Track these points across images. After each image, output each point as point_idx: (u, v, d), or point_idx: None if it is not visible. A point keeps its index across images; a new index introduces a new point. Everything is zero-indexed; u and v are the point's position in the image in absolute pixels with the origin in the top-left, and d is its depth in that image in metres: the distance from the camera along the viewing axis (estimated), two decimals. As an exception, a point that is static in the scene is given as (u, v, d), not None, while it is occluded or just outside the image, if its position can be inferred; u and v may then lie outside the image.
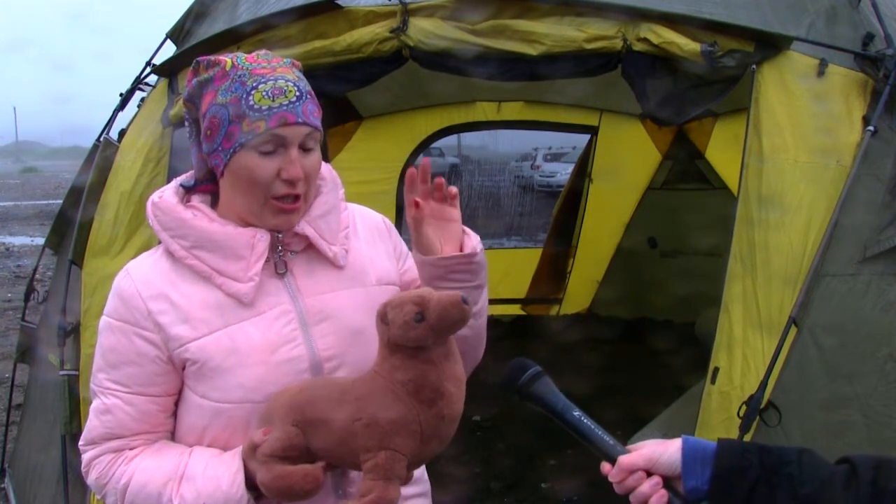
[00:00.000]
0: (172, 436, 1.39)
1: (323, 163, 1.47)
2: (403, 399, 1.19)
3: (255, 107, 1.27)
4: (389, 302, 1.22)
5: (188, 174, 1.43)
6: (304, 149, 1.32)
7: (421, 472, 1.51)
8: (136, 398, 1.33)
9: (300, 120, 1.29)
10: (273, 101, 1.27)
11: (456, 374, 1.24)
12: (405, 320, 1.18)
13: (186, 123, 1.39)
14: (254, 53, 1.35)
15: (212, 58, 1.34)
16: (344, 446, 1.22)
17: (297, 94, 1.30)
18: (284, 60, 1.35)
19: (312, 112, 1.32)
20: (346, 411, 1.21)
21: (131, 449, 1.35)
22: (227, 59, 1.32)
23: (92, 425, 1.36)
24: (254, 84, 1.28)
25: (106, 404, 1.34)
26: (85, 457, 1.38)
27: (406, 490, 1.45)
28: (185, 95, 1.37)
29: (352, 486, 1.37)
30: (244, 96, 1.28)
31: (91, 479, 1.38)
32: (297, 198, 1.33)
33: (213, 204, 1.39)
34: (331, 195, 1.43)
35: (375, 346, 1.26)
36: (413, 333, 1.18)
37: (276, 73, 1.31)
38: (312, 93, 1.34)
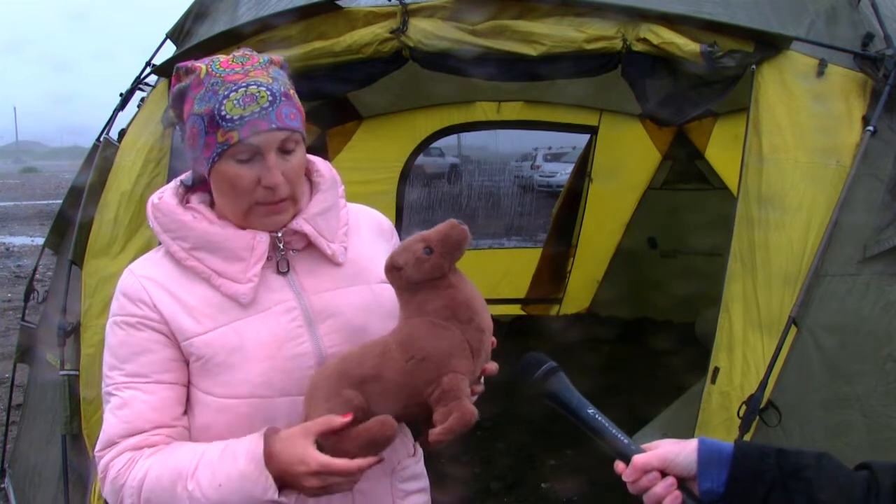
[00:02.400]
0: None
1: (322, 161, 1.47)
2: (445, 325, 1.26)
3: (227, 117, 1.27)
4: (393, 253, 1.30)
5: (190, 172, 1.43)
6: (285, 151, 1.31)
7: (421, 469, 1.51)
8: (153, 386, 1.32)
9: (273, 126, 1.28)
10: (244, 109, 1.26)
11: (475, 292, 1.32)
12: (417, 257, 1.26)
13: (177, 127, 1.39)
14: (231, 55, 1.34)
15: (189, 64, 1.33)
16: (403, 391, 1.25)
17: (270, 98, 1.28)
18: (262, 60, 1.34)
19: (288, 115, 1.30)
20: (394, 359, 1.25)
21: (150, 446, 1.30)
22: (202, 65, 1.32)
23: (108, 425, 1.33)
24: (225, 93, 1.27)
25: (123, 398, 1.31)
26: (101, 462, 1.33)
27: (406, 486, 1.46)
28: (170, 102, 1.37)
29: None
30: (216, 106, 1.27)
31: (107, 482, 1.31)
32: (282, 200, 1.33)
33: (211, 204, 1.40)
34: (329, 193, 1.43)
35: None
36: (428, 265, 1.26)
37: (248, 77, 1.29)
38: (289, 93, 1.33)
